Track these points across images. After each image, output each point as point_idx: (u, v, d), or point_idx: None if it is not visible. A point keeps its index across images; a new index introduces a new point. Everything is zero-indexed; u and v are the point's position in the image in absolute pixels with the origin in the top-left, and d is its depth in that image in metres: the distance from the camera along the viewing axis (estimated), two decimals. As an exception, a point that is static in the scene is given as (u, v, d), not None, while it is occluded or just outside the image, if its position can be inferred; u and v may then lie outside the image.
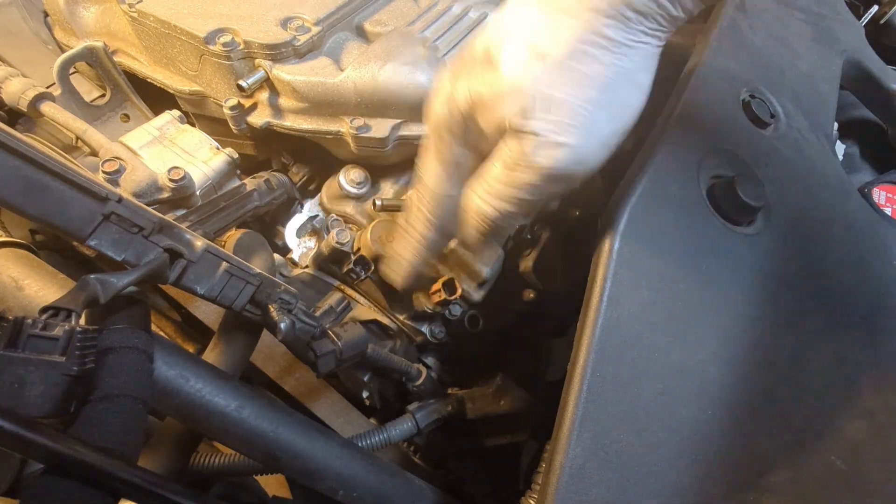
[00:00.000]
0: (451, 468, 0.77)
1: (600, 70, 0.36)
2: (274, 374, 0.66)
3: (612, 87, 0.37)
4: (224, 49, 0.61)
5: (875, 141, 1.04)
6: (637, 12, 0.36)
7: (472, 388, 0.76)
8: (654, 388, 0.43)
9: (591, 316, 0.43)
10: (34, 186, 0.33)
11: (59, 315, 0.33)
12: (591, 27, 0.36)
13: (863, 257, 0.57)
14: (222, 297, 0.44)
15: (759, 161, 0.55)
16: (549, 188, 0.40)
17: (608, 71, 0.36)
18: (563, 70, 0.36)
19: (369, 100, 0.62)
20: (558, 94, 0.36)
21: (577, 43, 0.36)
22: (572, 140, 0.36)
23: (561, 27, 0.36)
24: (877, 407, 0.49)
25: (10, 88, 0.59)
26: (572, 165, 0.37)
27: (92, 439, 0.33)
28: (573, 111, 0.36)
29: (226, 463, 0.56)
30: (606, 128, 0.38)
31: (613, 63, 0.36)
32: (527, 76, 0.36)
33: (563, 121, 0.36)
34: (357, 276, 0.63)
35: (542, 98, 0.36)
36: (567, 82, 0.36)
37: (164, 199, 0.57)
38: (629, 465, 0.42)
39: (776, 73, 0.66)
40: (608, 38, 0.36)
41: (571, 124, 0.36)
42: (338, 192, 0.67)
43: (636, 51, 0.37)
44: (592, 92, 0.36)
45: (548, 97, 0.36)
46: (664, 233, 0.47)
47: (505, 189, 0.40)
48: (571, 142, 0.37)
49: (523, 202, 0.40)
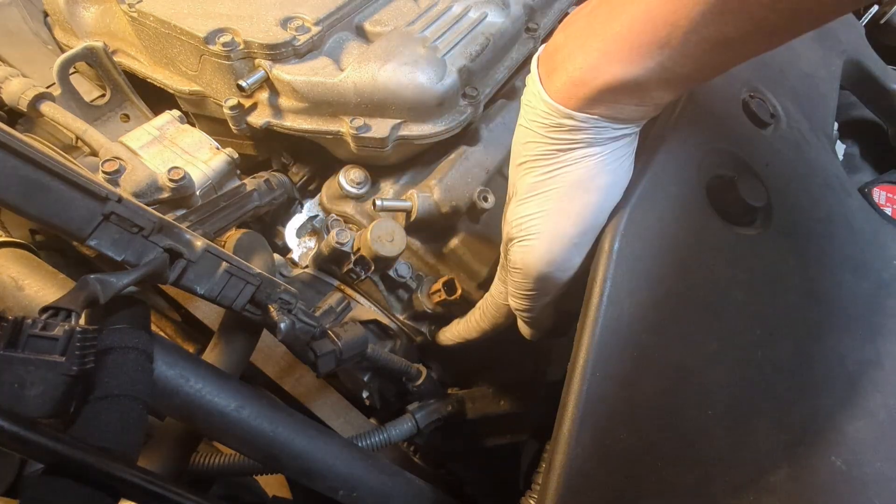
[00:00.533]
0: (451, 468, 0.77)
1: (553, 188, 0.45)
2: (274, 374, 0.66)
3: (566, 197, 0.45)
4: (224, 49, 0.60)
5: (875, 141, 1.04)
6: (575, 130, 0.43)
7: (472, 388, 0.76)
8: (654, 388, 0.43)
9: (591, 316, 0.43)
10: (34, 186, 0.33)
11: (59, 315, 0.33)
12: (543, 161, 0.45)
13: (863, 257, 0.57)
14: (222, 297, 0.44)
15: (759, 161, 0.55)
16: (536, 286, 0.49)
17: (559, 185, 0.44)
18: (528, 198, 0.46)
19: (369, 100, 0.62)
20: (525, 214, 0.46)
21: (534, 176, 0.45)
22: (538, 243, 0.46)
23: (523, 170, 0.47)
24: (877, 407, 0.49)
25: (10, 88, 0.59)
26: (544, 265, 0.46)
27: (92, 439, 0.33)
28: (536, 223, 0.46)
29: (226, 463, 0.56)
30: (570, 230, 0.45)
31: (564, 178, 0.44)
32: (510, 211, 0.48)
33: (531, 231, 0.46)
34: (357, 276, 0.63)
35: (517, 222, 0.47)
36: (531, 205, 0.46)
37: (164, 199, 0.57)
38: (629, 465, 0.42)
39: (776, 72, 0.66)
40: (557, 161, 0.44)
41: (536, 232, 0.46)
42: (338, 192, 0.67)
43: (586, 161, 0.44)
44: (549, 205, 0.45)
45: (520, 220, 0.47)
46: (664, 233, 0.47)
47: (513, 291, 0.52)
48: (537, 245, 0.46)
49: (526, 298, 0.51)
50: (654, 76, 0.39)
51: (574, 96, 0.41)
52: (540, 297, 0.50)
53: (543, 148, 0.44)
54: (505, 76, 0.75)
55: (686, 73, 0.40)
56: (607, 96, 0.41)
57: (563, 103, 0.42)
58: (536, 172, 0.45)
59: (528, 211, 0.46)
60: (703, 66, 0.40)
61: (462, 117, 0.67)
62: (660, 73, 0.39)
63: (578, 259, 0.47)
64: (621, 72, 0.39)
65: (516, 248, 0.48)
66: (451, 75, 0.64)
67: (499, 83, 0.74)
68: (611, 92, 0.40)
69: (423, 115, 0.64)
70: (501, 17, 0.73)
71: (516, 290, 0.51)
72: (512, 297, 0.53)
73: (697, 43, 0.37)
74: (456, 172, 0.68)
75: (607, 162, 0.44)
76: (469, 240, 0.69)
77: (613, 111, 0.42)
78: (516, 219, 0.47)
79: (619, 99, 0.41)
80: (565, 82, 0.42)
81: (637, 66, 0.39)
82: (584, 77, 0.40)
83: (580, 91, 0.41)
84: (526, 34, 0.78)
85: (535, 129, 0.44)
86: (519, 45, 0.77)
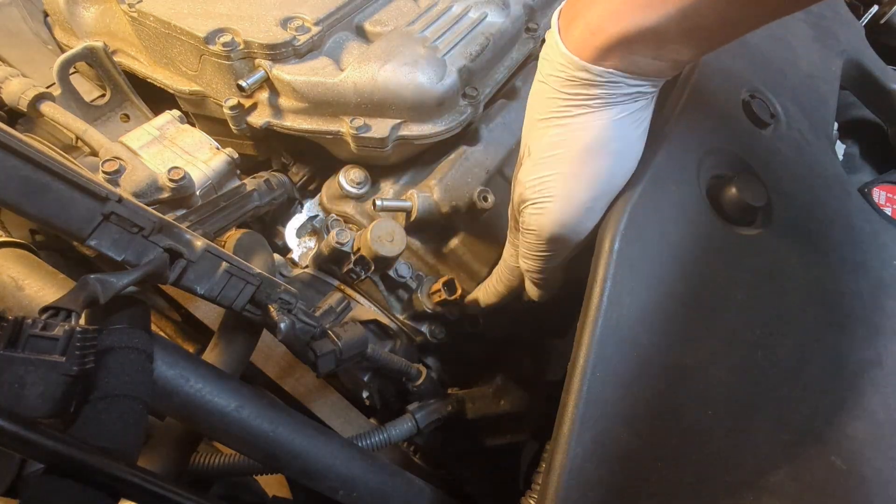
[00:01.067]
0: (451, 468, 0.77)
1: (567, 149, 0.45)
2: (274, 374, 0.66)
3: (579, 160, 0.44)
4: (224, 49, 0.61)
5: (875, 141, 1.04)
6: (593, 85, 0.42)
7: (472, 388, 0.76)
8: (654, 388, 0.43)
9: (591, 316, 0.43)
10: (34, 186, 0.34)
11: (59, 315, 0.33)
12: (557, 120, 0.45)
13: (863, 257, 0.57)
14: (222, 297, 0.44)
15: (759, 161, 0.55)
16: (549, 248, 0.49)
17: (573, 147, 0.44)
18: (542, 159, 0.46)
19: (369, 100, 0.62)
20: (540, 176, 0.46)
21: (549, 136, 0.45)
22: (552, 206, 0.46)
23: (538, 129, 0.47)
24: (877, 407, 0.49)
25: (10, 88, 0.59)
26: (557, 227, 0.47)
27: (92, 439, 0.33)
28: (550, 186, 0.46)
29: (226, 463, 0.56)
30: (584, 195, 0.45)
31: (578, 140, 0.44)
32: (524, 171, 0.48)
33: (544, 193, 0.46)
34: (357, 276, 0.63)
35: (531, 183, 0.47)
36: (545, 167, 0.46)
37: (164, 199, 0.57)
38: (629, 465, 0.42)
39: (776, 73, 0.66)
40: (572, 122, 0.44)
41: (550, 195, 0.46)
42: (338, 192, 0.67)
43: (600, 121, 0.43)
44: (563, 168, 0.45)
45: (534, 181, 0.47)
46: (664, 233, 0.47)
47: (524, 252, 0.52)
48: (552, 207, 0.46)
49: (538, 259, 0.51)
50: (675, 25, 0.39)
51: (590, 45, 0.41)
52: (552, 258, 0.51)
53: (559, 104, 0.44)
54: (505, 76, 0.75)
55: (707, 24, 0.39)
56: (624, 46, 0.40)
57: (579, 54, 0.41)
58: (551, 133, 0.45)
59: (543, 172, 0.46)
60: (725, 18, 0.39)
61: (462, 117, 0.67)
62: (680, 21, 0.38)
63: (591, 223, 0.47)
64: (641, 18, 0.39)
65: (531, 209, 0.48)
66: (451, 75, 0.64)
67: (499, 83, 0.74)
68: (628, 41, 0.40)
69: (423, 115, 0.64)
70: (501, 17, 0.73)
71: (529, 251, 0.51)
72: (523, 259, 0.53)
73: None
74: (456, 172, 0.68)
75: (622, 125, 0.44)
76: (469, 240, 0.69)
77: (629, 64, 0.41)
78: (530, 179, 0.47)
79: (636, 49, 0.40)
80: (583, 31, 0.41)
81: (657, 12, 0.38)
82: (603, 24, 0.40)
83: (597, 39, 0.40)
84: (526, 34, 0.78)
85: (551, 84, 0.44)
86: (519, 45, 0.77)
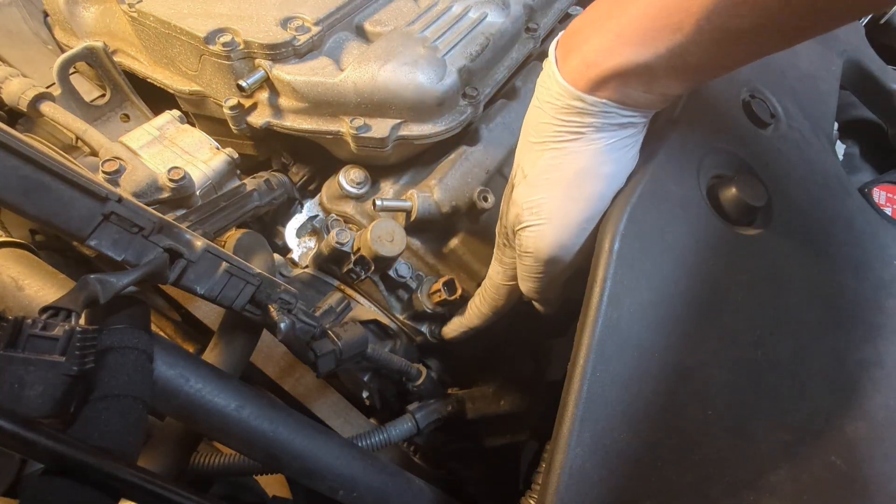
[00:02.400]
0: (451, 468, 0.77)
1: (562, 172, 0.46)
2: (274, 374, 0.66)
3: (574, 183, 0.46)
4: (224, 49, 0.60)
5: (875, 141, 1.04)
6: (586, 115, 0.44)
7: (472, 388, 0.76)
8: (654, 388, 0.43)
9: (591, 316, 0.43)
10: (34, 186, 0.33)
11: (59, 315, 0.33)
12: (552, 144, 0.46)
13: (863, 257, 0.57)
14: (222, 297, 0.44)
15: (759, 161, 0.55)
16: (547, 269, 0.50)
17: (567, 171, 0.46)
18: (537, 182, 0.47)
19: (369, 100, 0.62)
20: (535, 198, 0.48)
21: (544, 159, 0.47)
22: (548, 228, 0.47)
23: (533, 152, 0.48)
24: (876, 407, 0.49)
25: (10, 88, 0.59)
26: (555, 248, 0.48)
27: (92, 439, 0.33)
28: (545, 208, 0.47)
29: (226, 463, 0.56)
30: (578, 216, 0.47)
31: (572, 164, 0.46)
32: (519, 193, 0.49)
33: (541, 216, 0.47)
34: (357, 276, 0.63)
35: (527, 205, 0.48)
36: (540, 190, 0.47)
37: (164, 199, 0.57)
38: (629, 465, 0.42)
39: (776, 73, 0.66)
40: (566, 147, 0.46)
41: (546, 217, 0.47)
42: (338, 192, 0.67)
43: (593, 147, 0.45)
44: (558, 190, 0.47)
45: (530, 203, 0.48)
46: (664, 233, 0.47)
47: (521, 273, 0.53)
48: (547, 229, 0.47)
49: (537, 280, 0.52)
50: (664, 62, 0.40)
51: (585, 77, 0.43)
52: (550, 278, 0.52)
53: (554, 129, 0.46)
54: (505, 76, 0.75)
55: (695, 63, 0.41)
56: (617, 79, 0.42)
57: (575, 84, 0.44)
58: (546, 157, 0.47)
59: (538, 195, 0.47)
60: (712, 59, 0.41)
61: (462, 117, 0.67)
62: (669, 59, 0.40)
63: (583, 241, 0.49)
64: (633, 55, 0.41)
65: (527, 232, 0.49)
66: (451, 75, 0.64)
67: (499, 83, 0.74)
68: (621, 75, 0.42)
69: (423, 115, 0.64)
70: (501, 17, 0.73)
71: (527, 273, 0.52)
72: (522, 281, 0.54)
73: (709, 32, 0.38)
74: (456, 172, 0.68)
75: (614, 149, 0.46)
76: (469, 240, 0.69)
77: (622, 96, 0.43)
78: (526, 201, 0.48)
79: (629, 83, 0.42)
80: (578, 63, 0.43)
81: (648, 49, 0.40)
82: (597, 59, 0.42)
83: (591, 72, 0.42)
84: (526, 34, 0.78)
85: (547, 110, 0.46)
86: (519, 45, 0.77)
